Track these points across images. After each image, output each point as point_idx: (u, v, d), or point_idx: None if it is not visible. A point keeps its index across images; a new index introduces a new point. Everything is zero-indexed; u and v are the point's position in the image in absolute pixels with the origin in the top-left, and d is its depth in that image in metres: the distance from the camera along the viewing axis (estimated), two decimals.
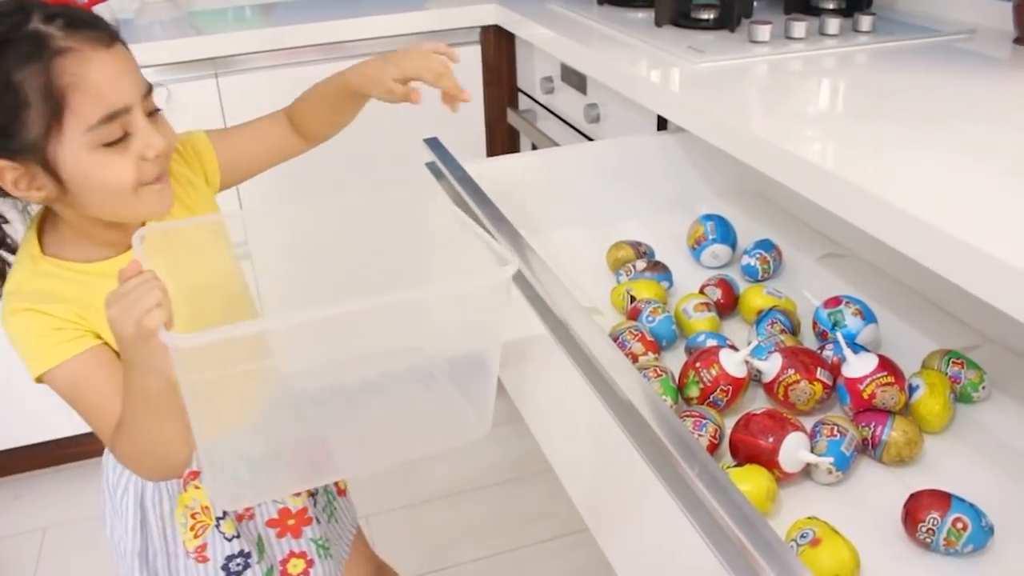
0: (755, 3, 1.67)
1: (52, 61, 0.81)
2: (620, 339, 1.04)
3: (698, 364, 0.96)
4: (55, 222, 0.95)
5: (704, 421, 0.90)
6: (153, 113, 0.91)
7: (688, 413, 0.92)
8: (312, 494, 1.16)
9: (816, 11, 1.62)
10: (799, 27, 1.48)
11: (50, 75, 0.81)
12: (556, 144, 1.81)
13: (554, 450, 0.97)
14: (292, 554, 1.12)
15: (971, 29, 1.50)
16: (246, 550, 1.08)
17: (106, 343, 0.92)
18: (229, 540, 1.08)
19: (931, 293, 1.16)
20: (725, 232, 1.27)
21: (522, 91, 2.05)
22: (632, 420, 0.77)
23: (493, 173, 1.27)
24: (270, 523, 1.11)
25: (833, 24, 1.50)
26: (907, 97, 1.18)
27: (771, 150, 1.04)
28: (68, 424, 2.06)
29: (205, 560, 1.08)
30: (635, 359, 1.03)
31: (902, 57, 1.37)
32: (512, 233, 1.06)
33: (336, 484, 1.24)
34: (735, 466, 0.87)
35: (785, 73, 1.35)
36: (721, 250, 1.27)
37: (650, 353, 1.03)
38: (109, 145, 0.85)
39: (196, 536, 1.06)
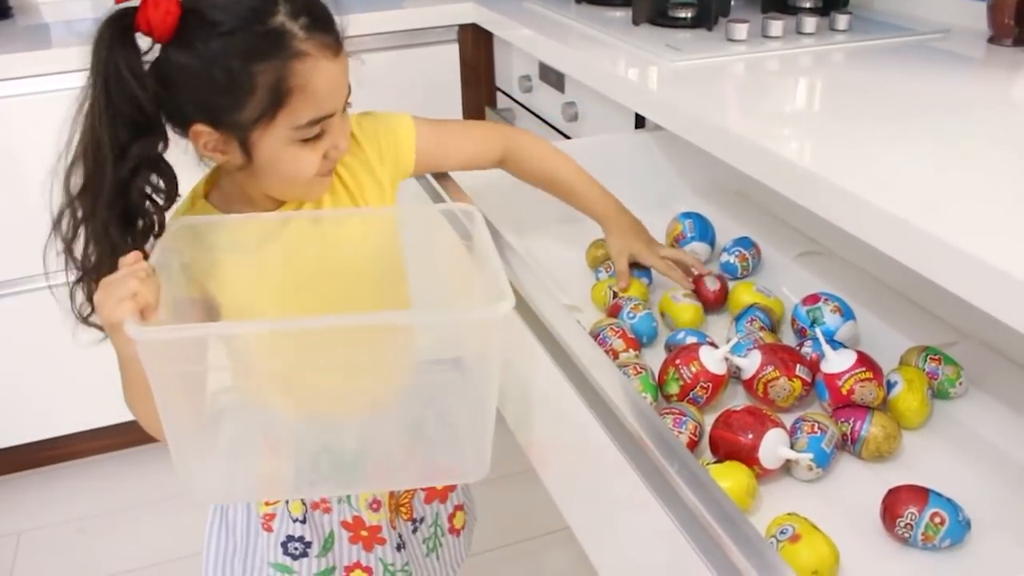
0: (732, 2, 1.67)
1: (289, 62, 0.85)
2: (601, 336, 1.04)
3: (678, 361, 0.95)
4: (225, 176, 0.99)
5: (684, 418, 0.90)
6: (342, 112, 0.94)
7: (668, 410, 0.92)
8: (414, 520, 1.15)
9: (793, 10, 1.62)
10: (776, 26, 1.49)
11: (283, 74, 0.85)
12: None
13: (534, 449, 0.97)
14: (359, 565, 1.11)
15: (946, 28, 1.51)
16: (308, 538, 1.08)
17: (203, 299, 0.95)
18: (294, 521, 1.07)
19: (908, 290, 1.17)
20: (703, 230, 1.27)
21: (500, 90, 2.04)
22: (612, 418, 0.77)
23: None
24: (344, 524, 1.09)
25: (810, 23, 1.51)
26: (883, 95, 1.19)
27: (748, 148, 1.04)
28: (42, 426, 2.04)
29: (270, 530, 1.08)
30: (616, 356, 1.03)
31: (878, 56, 1.39)
32: (491, 231, 1.06)
33: (451, 521, 1.21)
34: (715, 463, 0.87)
35: (762, 71, 1.36)
36: (700, 248, 1.27)
37: (631, 350, 1.03)
38: (304, 141, 0.90)
39: (267, 504, 1.07)
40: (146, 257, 0.83)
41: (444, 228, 0.99)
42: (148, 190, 0.90)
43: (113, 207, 0.88)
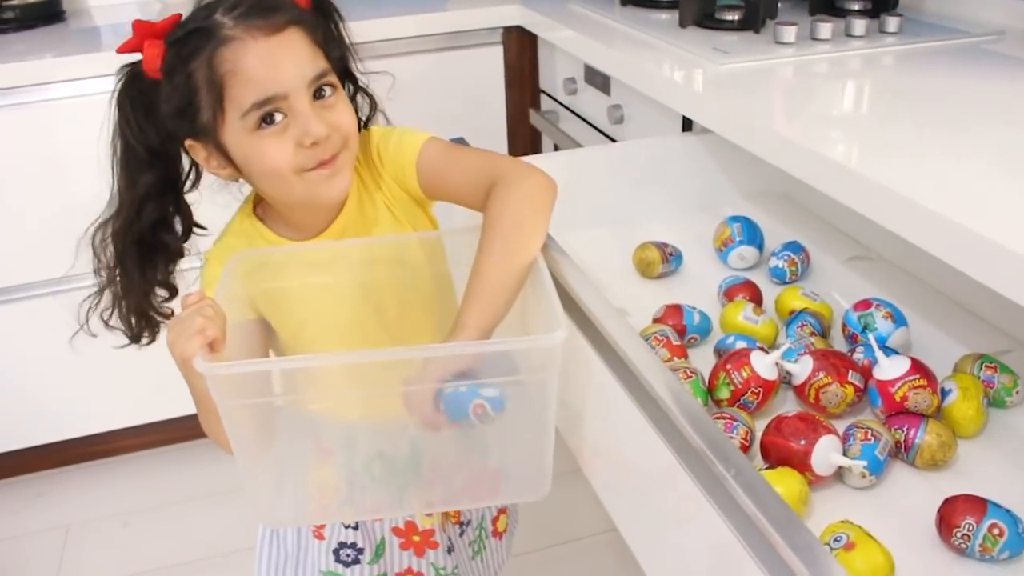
0: (780, 4, 1.66)
1: (216, 50, 0.86)
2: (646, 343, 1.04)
3: (729, 366, 0.95)
4: (262, 205, 1.01)
5: (735, 423, 0.89)
6: (328, 98, 0.91)
7: (719, 415, 0.91)
8: (461, 523, 1.15)
9: (842, 12, 1.60)
10: (825, 28, 1.47)
11: (212, 63, 0.86)
12: (579, 145, 1.80)
13: (584, 452, 0.97)
14: (410, 571, 1.11)
15: (999, 31, 1.48)
16: (360, 545, 1.08)
17: (259, 319, 0.99)
18: (346, 528, 1.08)
19: (960, 296, 1.15)
20: (752, 233, 1.26)
21: (544, 92, 2.04)
22: (665, 421, 0.77)
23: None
24: (395, 531, 1.10)
25: (859, 25, 1.49)
26: (934, 100, 1.17)
27: (797, 151, 1.03)
28: (88, 422, 2.07)
29: (321, 538, 1.09)
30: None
31: (929, 59, 1.36)
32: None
33: (494, 524, 1.21)
34: (767, 469, 0.86)
35: (811, 75, 1.34)
36: (748, 252, 1.26)
37: (675, 359, 1.02)
38: (262, 130, 0.88)
39: (319, 510, 1.05)
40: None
41: None
42: (156, 216, 0.95)
43: (125, 235, 0.94)
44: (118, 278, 0.96)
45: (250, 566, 1.15)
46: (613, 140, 1.72)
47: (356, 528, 1.07)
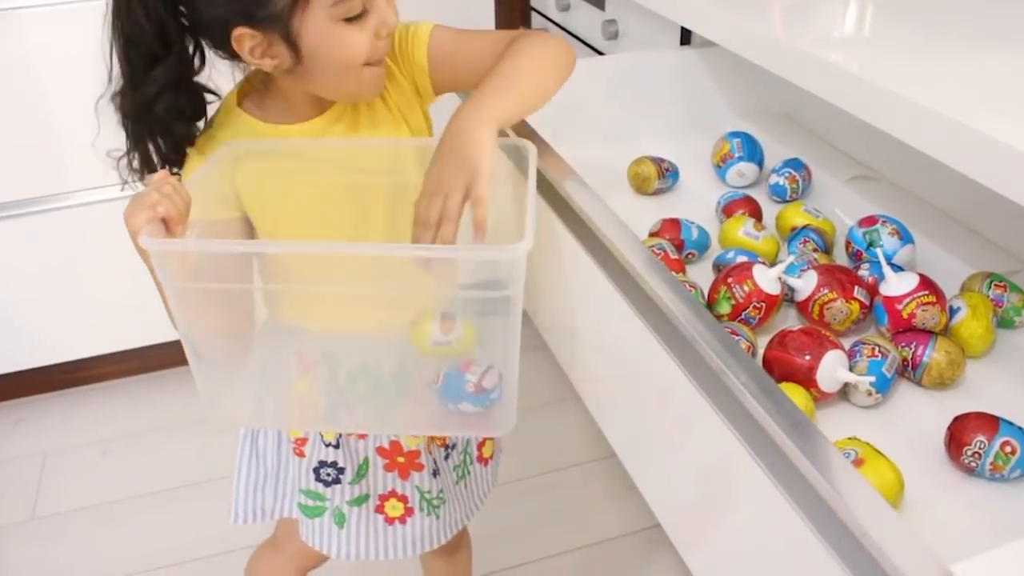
0: None
1: None
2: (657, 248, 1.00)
3: (730, 280, 0.91)
4: (262, 86, 0.93)
5: (736, 337, 0.86)
6: None
7: None
8: (446, 445, 1.11)
9: None
10: None
11: None
12: None
13: (578, 370, 0.93)
14: (393, 493, 1.07)
15: None
16: (341, 464, 1.04)
17: (242, 217, 0.92)
18: (327, 446, 1.04)
19: (966, 217, 1.11)
20: (752, 150, 1.22)
21: (535, 9, 1.97)
22: (669, 329, 0.73)
23: None
24: (380, 451, 1.05)
25: None
26: (943, 14, 1.11)
27: (804, 60, 0.98)
28: (69, 348, 2.02)
29: (301, 455, 1.04)
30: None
31: None
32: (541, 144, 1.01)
33: (479, 449, 1.16)
34: None
35: None
36: (748, 168, 1.22)
37: (674, 273, 0.98)
38: (350, 20, 0.83)
39: (299, 421, 1.02)
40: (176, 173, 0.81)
41: (501, 161, 0.93)
42: (172, 111, 0.86)
43: (139, 123, 0.86)
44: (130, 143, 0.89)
45: (231, 493, 1.11)
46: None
47: (337, 447, 1.03)
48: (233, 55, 0.86)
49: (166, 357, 2.08)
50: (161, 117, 0.86)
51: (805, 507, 0.59)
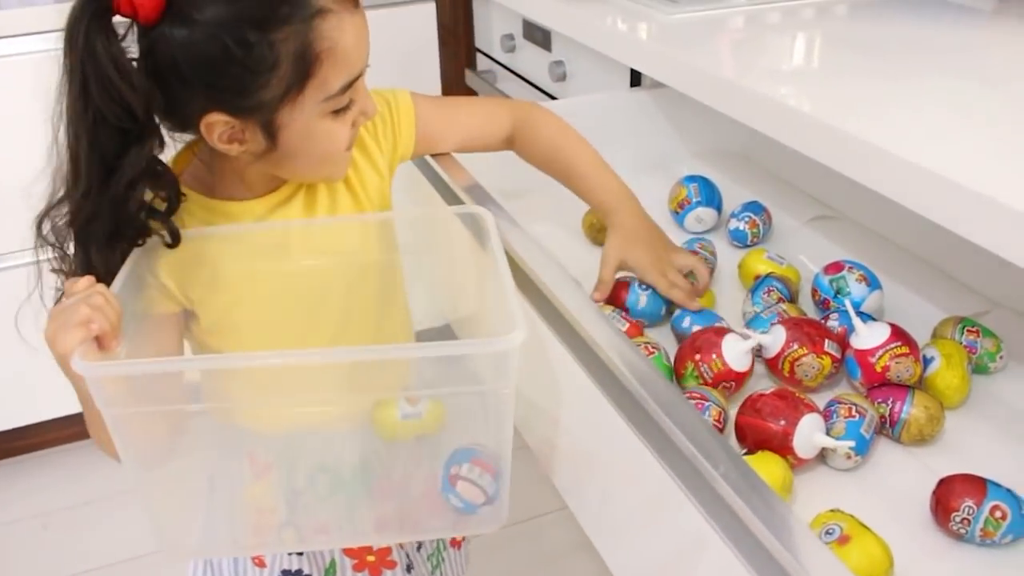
0: None
1: (311, 22, 0.73)
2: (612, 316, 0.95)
3: (698, 356, 0.85)
4: (208, 158, 0.85)
5: (706, 403, 0.81)
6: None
7: (688, 394, 0.82)
8: None
9: None
10: None
11: (308, 38, 0.73)
12: None
13: (541, 446, 0.88)
14: None
15: None
16: (306, 571, 0.96)
17: (180, 313, 0.85)
18: (290, 554, 0.96)
19: (929, 255, 1.09)
20: (710, 194, 1.18)
21: (480, 51, 1.93)
22: (633, 404, 0.68)
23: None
24: (347, 552, 0.98)
25: None
26: (889, 49, 1.11)
27: (758, 101, 0.95)
28: (6, 416, 1.93)
29: (262, 565, 0.96)
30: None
31: (882, 8, 1.30)
32: (484, 199, 0.97)
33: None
34: (746, 454, 0.77)
35: (764, 25, 1.26)
36: (706, 214, 1.18)
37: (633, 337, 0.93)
38: (335, 113, 0.79)
39: (256, 535, 0.92)
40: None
41: (456, 231, 0.90)
42: (146, 206, 0.77)
43: (103, 224, 0.75)
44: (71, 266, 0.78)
45: (178, 568, 1.03)
46: (556, 99, 1.62)
47: (300, 553, 0.96)
48: (188, 132, 0.79)
49: None
50: (132, 213, 0.75)
51: None
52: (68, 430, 2.01)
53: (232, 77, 0.72)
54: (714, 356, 0.85)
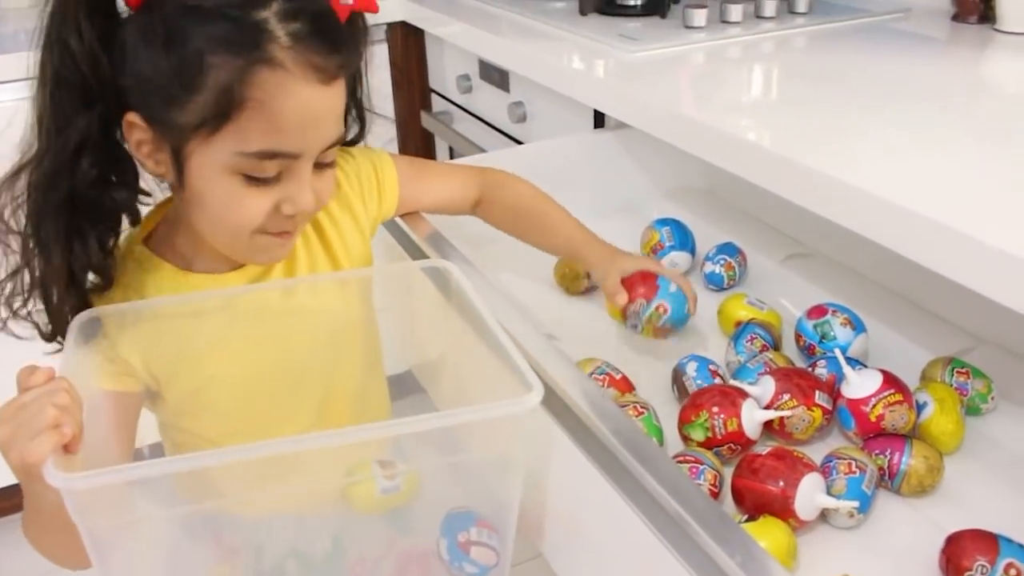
0: None
1: (254, 66, 0.67)
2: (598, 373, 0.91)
3: (715, 409, 0.82)
4: (173, 218, 0.81)
5: (701, 467, 0.77)
6: (323, 166, 0.76)
7: (683, 458, 0.79)
8: None
9: None
10: (735, 10, 1.38)
11: (242, 77, 0.67)
12: (478, 147, 1.67)
13: (528, 517, 0.83)
14: None
15: (906, 8, 1.43)
16: None
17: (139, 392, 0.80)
18: None
19: (907, 290, 1.07)
20: (683, 238, 1.15)
21: (435, 92, 1.90)
22: (621, 473, 0.64)
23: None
24: None
25: (770, 6, 1.41)
26: (848, 80, 1.10)
27: (722, 138, 0.94)
28: None
29: None
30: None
31: (839, 39, 1.30)
32: (446, 248, 0.94)
33: None
34: (746, 520, 0.74)
35: (725, 60, 1.25)
36: (680, 257, 1.15)
37: (624, 393, 0.90)
38: (251, 179, 0.71)
39: None
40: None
41: (422, 286, 0.86)
42: (98, 177, 0.72)
43: (48, 190, 0.70)
44: (34, 251, 0.73)
45: None
46: (516, 140, 1.59)
47: None
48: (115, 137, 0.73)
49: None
50: (83, 188, 0.71)
51: None
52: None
53: (158, 78, 0.68)
54: (732, 416, 0.81)
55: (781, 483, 0.74)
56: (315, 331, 0.85)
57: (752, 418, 0.81)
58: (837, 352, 0.86)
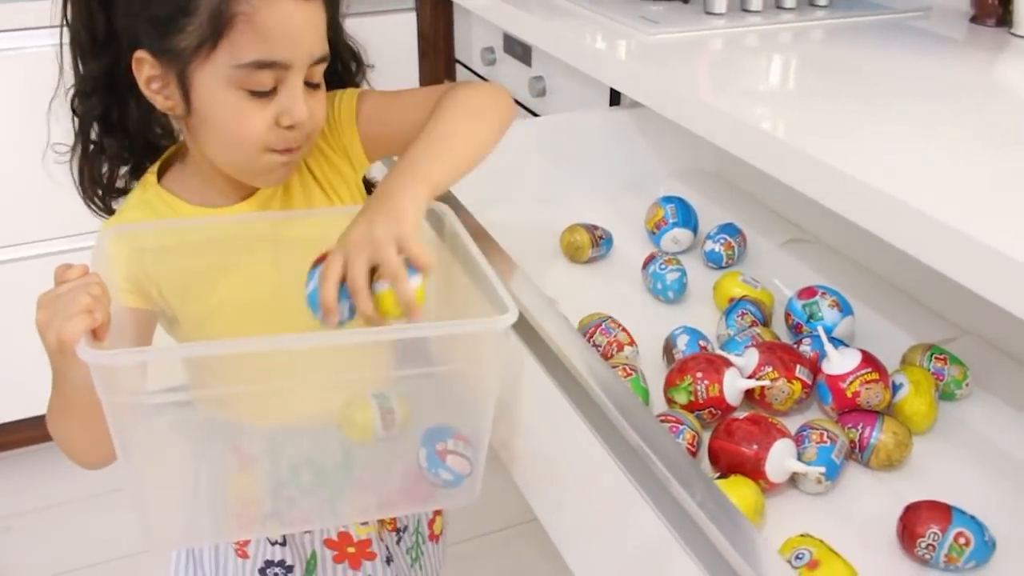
0: None
1: None
2: (603, 326, 0.97)
3: (699, 374, 0.86)
4: (184, 157, 0.88)
5: (681, 427, 0.82)
6: (314, 87, 0.82)
7: (664, 417, 0.84)
8: (398, 529, 1.04)
9: None
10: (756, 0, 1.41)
11: None
12: None
13: (517, 465, 0.88)
14: None
15: (927, 7, 1.45)
16: (289, 562, 0.97)
17: (149, 310, 0.86)
18: (273, 544, 0.96)
19: (900, 281, 1.10)
20: (686, 215, 1.19)
21: (460, 62, 1.94)
22: (612, 431, 0.69)
23: None
24: (328, 543, 0.98)
25: None
26: (863, 75, 1.13)
27: (735, 125, 0.97)
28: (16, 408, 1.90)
29: (245, 556, 0.97)
30: (620, 348, 0.96)
31: (858, 34, 1.33)
32: (459, 209, 0.97)
33: (431, 527, 1.10)
34: (718, 478, 0.79)
35: (742, 48, 1.28)
36: (682, 235, 1.19)
37: (627, 348, 0.95)
38: (251, 93, 0.77)
39: (240, 524, 0.92)
40: None
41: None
42: (100, 116, 0.84)
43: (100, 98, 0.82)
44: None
45: (148, 570, 1.03)
46: (535, 114, 1.63)
47: (284, 544, 0.96)
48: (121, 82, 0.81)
49: None
50: (91, 117, 0.83)
51: None
52: (31, 431, 1.99)
53: (157, 9, 0.75)
54: (714, 383, 0.86)
55: (755, 446, 0.78)
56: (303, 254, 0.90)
57: (734, 386, 0.86)
58: (820, 330, 0.91)
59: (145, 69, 0.78)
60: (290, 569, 0.97)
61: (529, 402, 0.83)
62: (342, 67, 0.93)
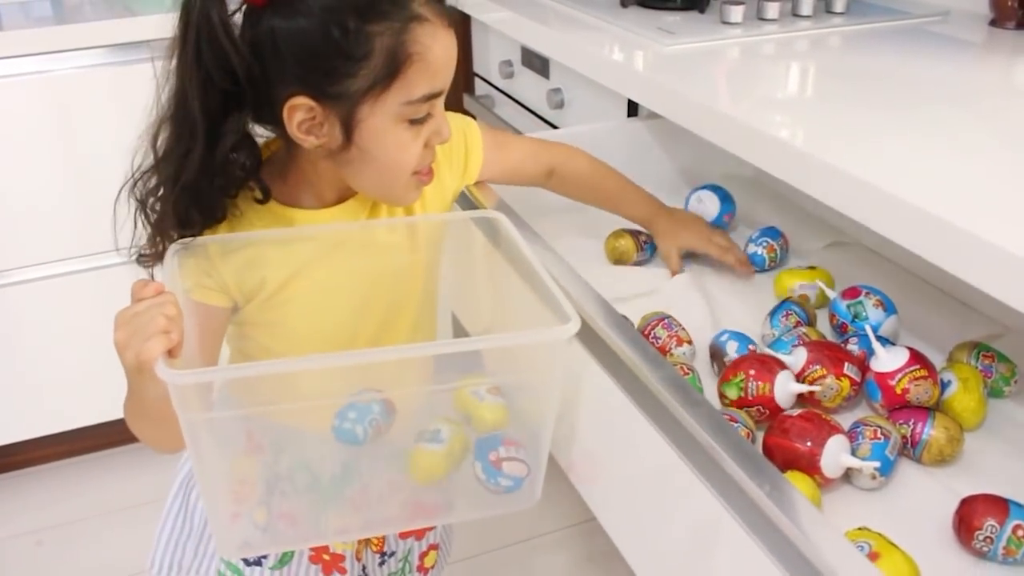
0: None
1: (409, 24, 0.78)
2: (666, 321, 0.99)
3: (752, 372, 0.87)
4: (281, 158, 0.89)
5: (735, 424, 0.82)
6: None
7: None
8: (384, 552, 1.06)
9: None
10: (772, 8, 1.42)
11: (403, 38, 0.78)
12: (517, 131, 1.71)
13: (577, 467, 0.89)
14: None
15: (945, 11, 1.45)
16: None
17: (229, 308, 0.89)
18: (255, 528, 0.97)
19: (940, 280, 1.10)
20: (715, 187, 1.25)
21: (479, 76, 1.95)
22: (676, 426, 0.69)
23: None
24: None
25: (807, 5, 1.44)
26: (883, 82, 1.13)
27: (753, 134, 0.97)
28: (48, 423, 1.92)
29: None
30: (680, 343, 0.98)
31: (876, 40, 1.33)
32: (515, 216, 0.97)
33: (422, 559, 1.11)
34: None
35: (759, 56, 1.29)
36: (706, 196, 1.24)
37: (685, 346, 0.97)
38: (412, 123, 0.82)
39: (233, 502, 0.94)
40: None
41: (473, 235, 0.93)
42: (247, 166, 0.83)
43: (198, 181, 0.80)
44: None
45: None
46: (553, 126, 1.64)
47: (265, 531, 0.97)
48: (269, 121, 0.82)
49: (102, 438, 1.98)
50: (228, 175, 0.81)
51: None
52: (63, 446, 2.00)
53: (325, 59, 0.77)
54: (766, 382, 0.86)
55: (809, 442, 0.78)
56: (383, 265, 0.93)
57: (785, 389, 0.86)
58: (868, 328, 0.91)
59: (298, 114, 0.79)
60: (264, 557, 0.99)
61: (589, 404, 0.84)
62: None
